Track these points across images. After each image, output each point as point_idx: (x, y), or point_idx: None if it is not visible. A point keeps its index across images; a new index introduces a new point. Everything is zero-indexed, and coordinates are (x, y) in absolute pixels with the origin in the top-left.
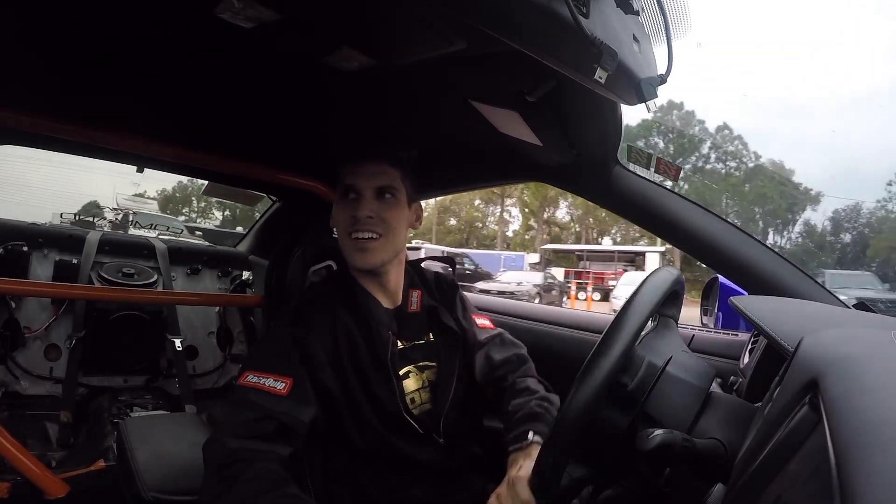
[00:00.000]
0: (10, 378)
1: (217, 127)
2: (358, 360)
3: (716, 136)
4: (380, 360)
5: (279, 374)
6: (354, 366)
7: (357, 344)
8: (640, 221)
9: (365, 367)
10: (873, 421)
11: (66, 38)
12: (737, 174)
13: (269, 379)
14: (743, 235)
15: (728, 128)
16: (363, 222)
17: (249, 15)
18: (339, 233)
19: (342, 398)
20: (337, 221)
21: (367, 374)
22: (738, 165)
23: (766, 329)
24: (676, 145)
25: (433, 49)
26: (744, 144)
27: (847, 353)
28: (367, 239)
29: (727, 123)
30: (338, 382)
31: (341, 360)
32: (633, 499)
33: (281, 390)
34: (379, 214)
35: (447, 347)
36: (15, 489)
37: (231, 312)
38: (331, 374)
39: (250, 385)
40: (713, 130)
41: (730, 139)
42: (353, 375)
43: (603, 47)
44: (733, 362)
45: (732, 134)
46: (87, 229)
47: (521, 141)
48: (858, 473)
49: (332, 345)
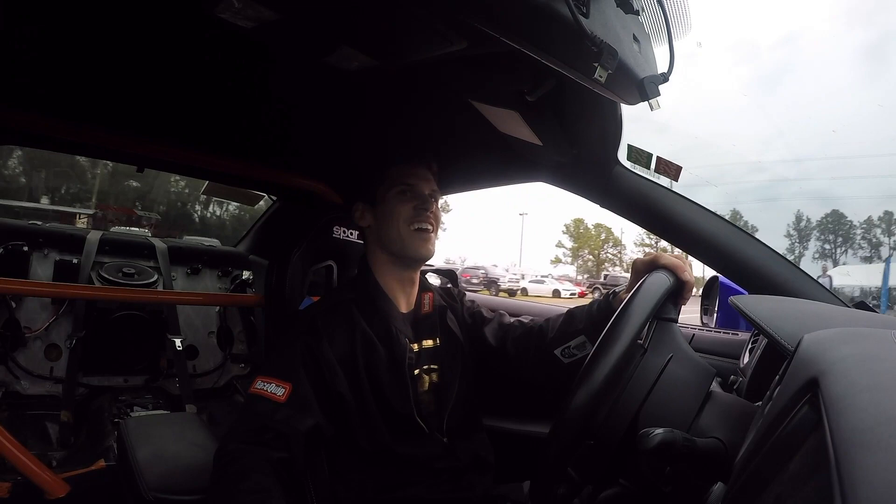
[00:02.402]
0: (10, 378)
1: (217, 127)
2: (374, 364)
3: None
4: (397, 364)
5: (281, 379)
6: (369, 370)
7: (375, 348)
8: (641, 221)
9: (380, 370)
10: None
11: (67, 39)
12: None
13: (271, 384)
14: (743, 235)
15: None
16: (426, 216)
17: (249, 15)
18: (397, 225)
19: (352, 402)
20: (396, 214)
21: (380, 378)
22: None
23: (766, 328)
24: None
25: (433, 49)
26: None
27: (847, 353)
28: (426, 230)
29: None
30: (349, 387)
31: (356, 364)
32: (633, 498)
33: (280, 397)
34: (432, 211)
35: (451, 351)
36: (15, 489)
37: (231, 312)
38: (343, 379)
39: (256, 392)
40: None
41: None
42: (365, 379)
43: (603, 46)
44: (733, 361)
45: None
46: (88, 229)
47: (521, 141)
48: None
49: (349, 350)
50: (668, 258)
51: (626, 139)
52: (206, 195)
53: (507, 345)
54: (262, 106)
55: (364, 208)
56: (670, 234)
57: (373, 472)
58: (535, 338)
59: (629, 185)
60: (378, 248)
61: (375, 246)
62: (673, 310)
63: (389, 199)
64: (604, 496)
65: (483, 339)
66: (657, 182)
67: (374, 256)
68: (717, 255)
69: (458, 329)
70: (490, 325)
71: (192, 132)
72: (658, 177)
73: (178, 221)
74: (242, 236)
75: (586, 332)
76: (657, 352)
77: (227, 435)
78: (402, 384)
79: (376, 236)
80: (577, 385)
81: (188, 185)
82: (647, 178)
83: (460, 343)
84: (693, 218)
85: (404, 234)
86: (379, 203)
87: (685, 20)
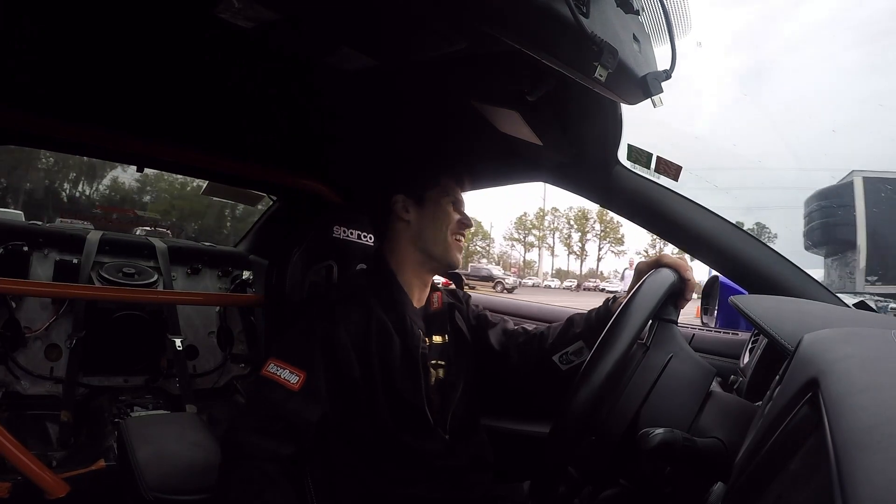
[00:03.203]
0: (10, 378)
1: (217, 127)
2: (388, 353)
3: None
4: (411, 354)
5: (296, 366)
6: (382, 358)
7: (391, 337)
8: (641, 221)
9: (394, 359)
10: (873, 420)
11: (67, 39)
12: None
13: (285, 370)
14: (743, 234)
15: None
16: (465, 231)
17: (249, 15)
18: (444, 230)
19: (363, 388)
20: (447, 220)
21: (392, 367)
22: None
23: (766, 328)
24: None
25: (433, 49)
26: None
27: (847, 353)
28: (461, 242)
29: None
30: (361, 373)
31: (370, 351)
32: (633, 498)
33: (293, 384)
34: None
35: (458, 348)
36: (15, 489)
37: (231, 312)
38: (356, 366)
39: (268, 376)
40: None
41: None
42: (378, 368)
43: (603, 45)
44: (733, 361)
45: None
46: (88, 229)
47: (521, 141)
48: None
49: (364, 337)
50: (672, 258)
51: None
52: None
53: (510, 350)
54: (262, 106)
55: (407, 203)
56: (670, 234)
57: (372, 467)
58: (536, 344)
59: (629, 184)
60: (411, 245)
61: (408, 242)
62: (673, 311)
63: (443, 204)
64: (604, 496)
65: (487, 343)
66: (657, 182)
67: (402, 251)
68: (718, 255)
69: (465, 328)
70: (495, 329)
71: (193, 132)
72: (658, 177)
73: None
74: (243, 236)
75: (584, 336)
76: (658, 351)
77: (236, 421)
78: (415, 374)
79: (415, 233)
80: (579, 383)
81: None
82: (647, 178)
83: (468, 342)
84: (693, 218)
85: (448, 241)
86: (428, 204)
87: (685, 20)
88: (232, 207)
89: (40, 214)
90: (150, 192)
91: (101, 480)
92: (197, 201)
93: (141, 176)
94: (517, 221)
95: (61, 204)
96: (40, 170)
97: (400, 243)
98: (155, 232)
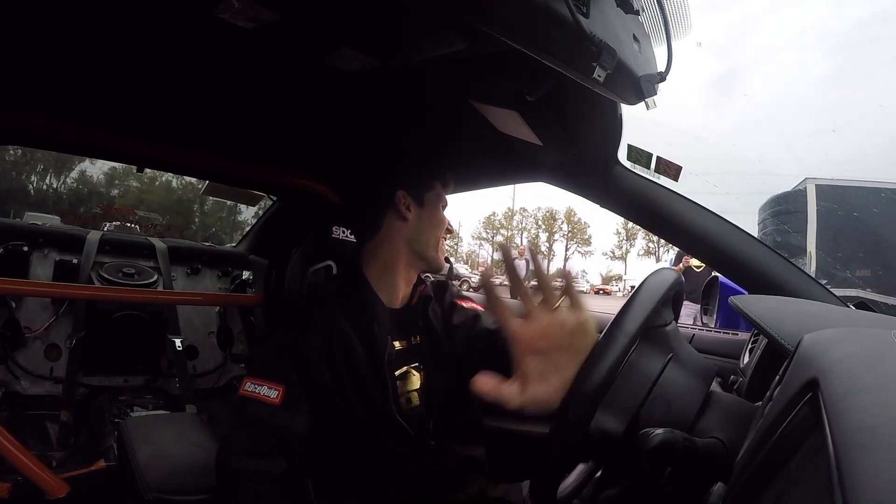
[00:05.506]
0: (10, 378)
1: (217, 127)
2: (354, 361)
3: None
4: (377, 361)
5: (272, 380)
6: (350, 366)
7: (352, 345)
8: (641, 221)
9: (361, 366)
10: (873, 420)
11: (67, 39)
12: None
13: (263, 387)
14: (743, 234)
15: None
16: (447, 234)
17: (249, 15)
18: (437, 233)
19: (337, 397)
20: (440, 224)
21: (362, 374)
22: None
23: (766, 328)
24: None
25: (433, 49)
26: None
27: (847, 353)
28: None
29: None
30: (333, 382)
31: (336, 360)
32: (633, 498)
33: (274, 399)
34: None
35: (433, 349)
36: (15, 489)
37: (231, 312)
38: (325, 374)
39: (248, 395)
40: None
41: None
42: (347, 376)
43: (602, 46)
44: (733, 361)
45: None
46: (88, 229)
47: (521, 141)
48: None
49: (329, 347)
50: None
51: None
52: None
53: (473, 358)
54: (262, 106)
55: (408, 200)
56: (670, 233)
57: (365, 471)
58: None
59: (629, 184)
60: (403, 244)
61: (401, 241)
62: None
63: (437, 208)
64: (604, 496)
65: (455, 344)
66: (657, 182)
67: (395, 248)
68: (717, 255)
69: (439, 324)
70: (460, 332)
71: (193, 132)
72: (658, 177)
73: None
74: (243, 236)
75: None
76: (657, 351)
77: (224, 444)
78: (382, 382)
79: (412, 232)
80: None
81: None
82: (647, 178)
83: (441, 340)
84: (693, 218)
85: (439, 244)
86: (426, 206)
87: (685, 20)
88: (201, 202)
89: (6, 209)
90: (118, 187)
91: (101, 480)
92: (165, 196)
93: (109, 169)
94: (486, 221)
95: (28, 197)
96: (7, 162)
97: (394, 240)
98: (123, 227)
